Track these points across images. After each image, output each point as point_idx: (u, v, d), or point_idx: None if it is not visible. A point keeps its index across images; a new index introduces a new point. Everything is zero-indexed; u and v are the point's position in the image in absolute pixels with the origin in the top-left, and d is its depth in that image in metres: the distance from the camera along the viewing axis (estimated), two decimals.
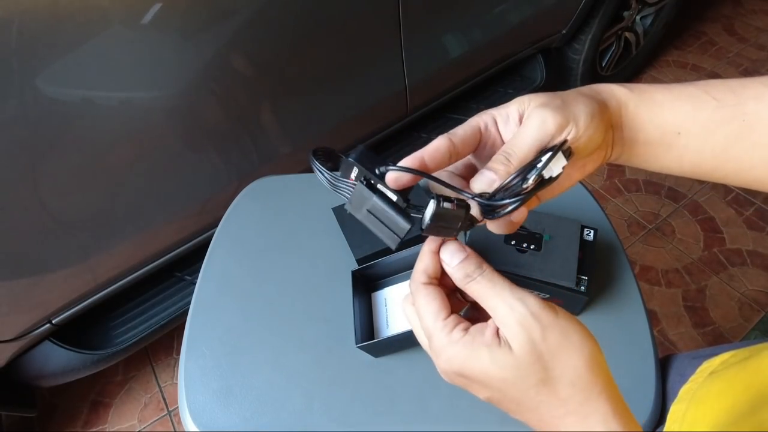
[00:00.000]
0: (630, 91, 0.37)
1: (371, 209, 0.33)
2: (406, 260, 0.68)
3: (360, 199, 0.33)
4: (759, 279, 1.53)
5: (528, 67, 1.78)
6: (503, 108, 0.36)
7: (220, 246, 0.79)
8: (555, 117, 0.33)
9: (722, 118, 0.36)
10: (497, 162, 0.33)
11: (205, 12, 0.91)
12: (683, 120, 0.36)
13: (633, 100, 0.37)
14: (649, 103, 0.37)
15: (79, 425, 1.35)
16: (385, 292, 0.69)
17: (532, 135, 0.33)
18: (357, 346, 0.61)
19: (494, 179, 0.33)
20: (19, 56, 0.77)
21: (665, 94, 0.37)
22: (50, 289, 1.00)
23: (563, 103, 0.34)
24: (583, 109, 0.34)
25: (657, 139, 0.37)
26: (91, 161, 0.92)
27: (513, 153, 0.33)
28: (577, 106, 0.34)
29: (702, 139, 0.36)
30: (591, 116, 0.34)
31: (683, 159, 0.38)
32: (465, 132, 0.36)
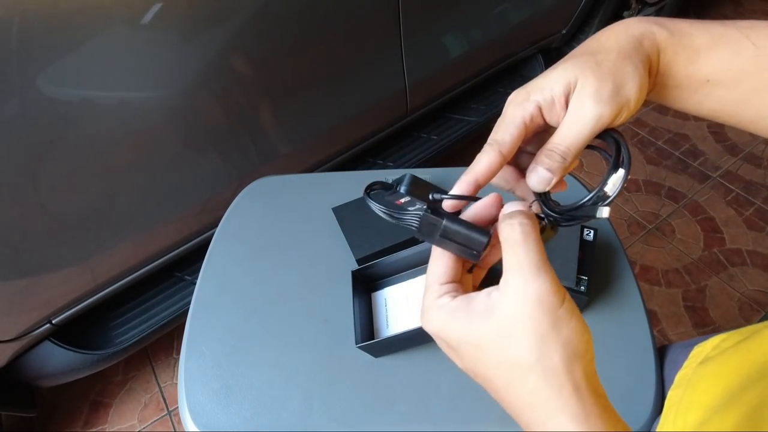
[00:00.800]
0: (670, 36, 0.36)
1: (444, 233, 0.33)
2: (407, 260, 0.68)
3: (429, 226, 0.33)
4: (759, 279, 1.53)
5: (528, 67, 1.78)
6: (546, 90, 0.34)
7: (220, 246, 0.79)
8: (611, 109, 0.32)
9: (756, 67, 0.35)
10: (553, 159, 0.33)
11: (205, 12, 0.91)
12: (715, 69, 0.36)
13: (672, 46, 0.35)
14: (688, 49, 0.36)
15: (79, 425, 1.35)
16: (385, 292, 0.69)
17: (588, 127, 0.33)
18: (357, 346, 0.61)
19: (551, 178, 0.33)
20: (19, 56, 0.77)
21: (705, 38, 0.36)
22: (50, 289, 1.00)
23: (614, 87, 0.32)
24: (634, 87, 0.33)
25: (684, 84, 0.37)
26: (91, 161, 0.92)
27: (569, 150, 0.33)
28: (628, 84, 0.33)
29: (729, 88, 0.36)
30: (641, 89, 0.33)
31: (703, 104, 0.37)
32: (512, 137, 0.35)
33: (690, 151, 1.91)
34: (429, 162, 1.50)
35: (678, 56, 0.36)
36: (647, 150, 1.94)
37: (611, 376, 0.61)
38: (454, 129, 1.59)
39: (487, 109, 1.65)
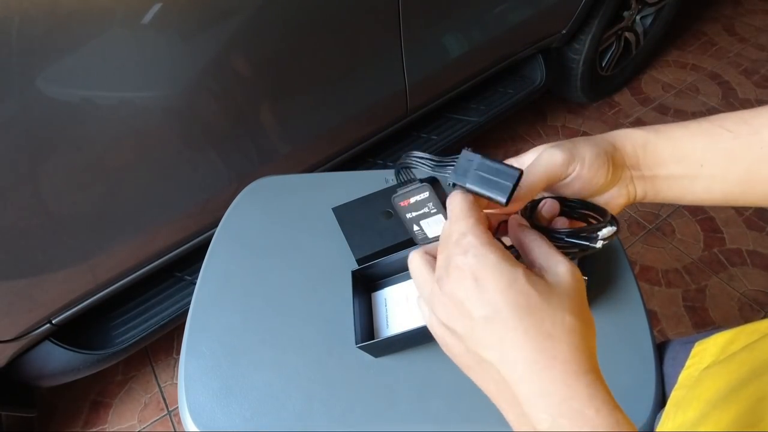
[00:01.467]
0: (646, 132, 0.41)
1: (479, 168, 0.35)
2: (406, 260, 0.68)
3: (466, 164, 0.35)
4: (759, 279, 1.53)
5: (528, 67, 1.78)
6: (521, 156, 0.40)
7: (220, 246, 0.79)
8: (562, 154, 0.37)
9: (741, 147, 0.38)
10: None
11: (204, 12, 0.91)
12: (703, 152, 0.39)
13: (650, 139, 0.40)
14: (667, 139, 0.40)
15: (79, 425, 1.35)
16: (385, 292, 0.69)
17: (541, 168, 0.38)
18: (357, 346, 0.61)
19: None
20: (19, 56, 0.77)
21: (682, 130, 0.40)
22: (50, 289, 1.00)
23: (573, 144, 0.38)
24: (590, 150, 0.38)
25: (680, 172, 0.40)
26: (91, 161, 0.92)
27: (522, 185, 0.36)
28: (585, 148, 0.38)
29: (725, 167, 0.38)
30: (596, 155, 0.38)
31: (712, 188, 0.40)
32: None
33: None
34: None
35: (658, 146, 0.40)
36: None
37: (611, 376, 0.61)
38: (454, 129, 1.59)
39: (487, 109, 1.65)
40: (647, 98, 2.14)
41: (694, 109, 2.08)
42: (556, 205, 0.40)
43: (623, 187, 0.40)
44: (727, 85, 2.17)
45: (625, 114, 2.08)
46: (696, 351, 0.51)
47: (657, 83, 2.20)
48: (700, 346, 0.51)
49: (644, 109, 2.10)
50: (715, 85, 2.17)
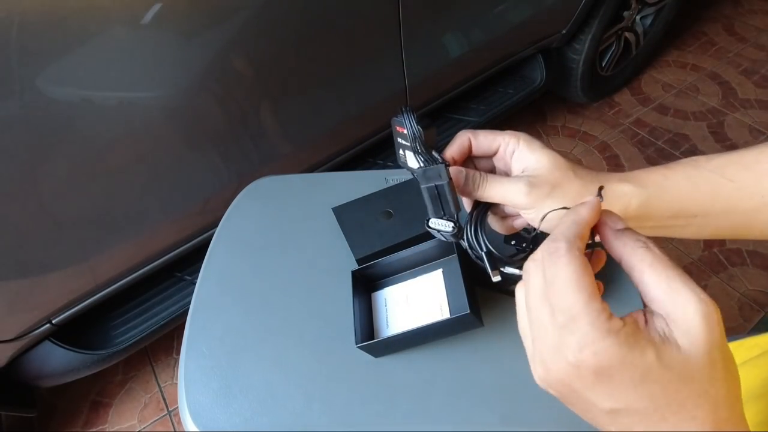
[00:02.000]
0: (643, 190, 0.38)
1: (438, 187, 0.40)
2: (407, 260, 0.68)
3: (431, 175, 0.40)
4: (759, 279, 1.53)
5: (528, 67, 1.78)
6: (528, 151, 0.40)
7: (220, 246, 0.79)
8: (526, 199, 0.38)
9: (741, 198, 0.37)
10: (473, 180, 0.40)
11: (205, 12, 0.91)
12: (701, 205, 0.38)
13: (647, 198, 0.38)
14: (666, 198, 0.38)
15: (79, 425, 1.35)
16: (385, 292, 0.69)
17: (504, 193, 0.39)
18: (357, 346, 0.61)
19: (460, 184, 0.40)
20: (19, 56, 0.77)
21: (685, 184, 0.38)
22: (50, 289, 1.00)
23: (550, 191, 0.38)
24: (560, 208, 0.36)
25: (671, 224, 0.39)
26: (91, 161, 0.92)
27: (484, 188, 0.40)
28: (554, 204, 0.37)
29: (722, 218, 0.38)
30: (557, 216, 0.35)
31: (703, 233, 0.39)
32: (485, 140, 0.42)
33: (690, 151, 1.91)
34: None
35: (651, 202, 0.38)
36: (647, 150, 1.94)
37: None
38: (454, 129, 1.59)
39: (487, 109, 1.65)
40: (647, 98, 2.14)
41: (694, 109, 2.08)
42: None
43: None
44: (727, 85, 2.17)
45: (625, 114, 2.08)
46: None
47: (657, 83, 2.20)
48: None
49: (644, 109, 2.10)
50: (715, 85, 2.17)
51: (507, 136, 0.41)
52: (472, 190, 0.40)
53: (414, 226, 0.75)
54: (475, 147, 0.42)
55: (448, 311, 0.63)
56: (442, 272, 0.68)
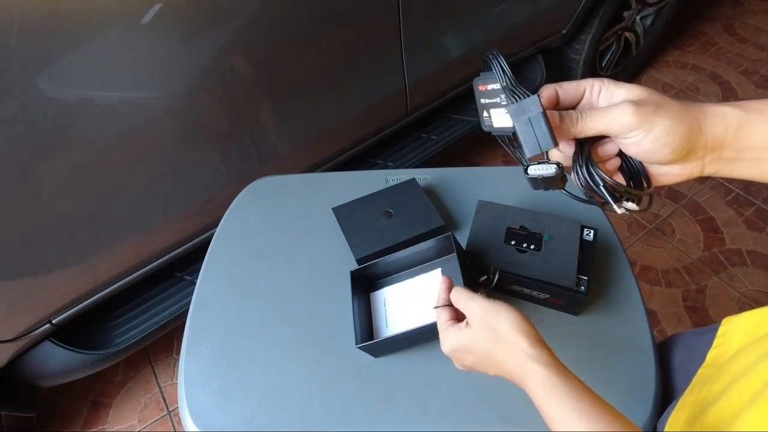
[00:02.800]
0: (745, 112, 0.38)
1: (533, 119, 0.39)
2: (405, 260, 0.68)
3: (525, 108, 0.40)
4: (759, 279, 1.53)
5: (528, 67, 1.78)
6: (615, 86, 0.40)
7: (220, 246, 0.79)
8: (632, 117, 0.37)
9: None
10: (569, 116, 0.39)
11: (205, 12, 0.91)
12: None
13: (747, 121, 0.38)
14: (762, 121, 0.38)
15: (79, 425, 1.35)
16: (384, 292, 0.69)
17: (606, 119, 0.38)
18: (357, 347, 0.61)
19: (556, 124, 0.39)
20: (19, 56, 0.77)
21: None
22: (50, 289, 1.00)
23: (655, 110, 0.37)
24: (666, 126, 0.37)
25: (765, 157, 0.38)
26: (91, 161, 0.92)
27: (583, 119, 0.39)
28: (662, 120, 0.37)
29: None
30: (668, 133, 0.37)
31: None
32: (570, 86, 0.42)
33: None
34: (429, 162, 1.50)
35: (753, 129, 0.38)
36: None
37: (611, 376, 0.61)
38: (454, 129, 1.59)
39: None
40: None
41: None
42: (615, 148, 0.42)
43: (689, 167, 0.39)
44: (727, 85, 2.17)
45: None
46: (724, 330, 0.49)
47: (657, 83, 2.20)
48: (727, 325, 0.49)
49: None
50: (715, 85, 2.17)
51: (591, 80, 0.41)
52: (571, 126, 0.39)
53: (414, 226, 0.75)
54: (561, 95, 0.42)
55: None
56: (441, 271, 0.68)
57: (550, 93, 0.42)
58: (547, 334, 0.48)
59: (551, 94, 0.42)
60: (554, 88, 0.42)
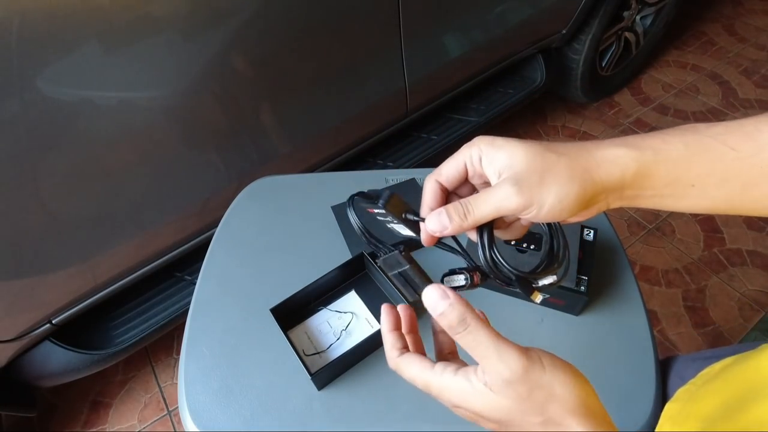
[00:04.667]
0: (641, 154, 0.36)
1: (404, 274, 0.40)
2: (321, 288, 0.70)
3: (393, 263, 0.40)
4: (759, 279, 1.53)
5: (528, 67, 1.78)
6: (496, 151, 0.37)
7: (220, 246, 0.79)
8: (519, 198, 0.35)
9: (741, 167, 0.35)
10: (457, 213, 0.37)
11: (205, 12, 0.91)
12: (698, 174, 0.36)
13: (645, 164, 0.36)
14: (664, 164, 0.36)
15: (79, 425, 1.35)
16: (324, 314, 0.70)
17: (493, 204, 0.36)
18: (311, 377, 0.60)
19: (445, 227, 0.37)
20: (19, 56, 0.77)
21: (680, 149, 0.36)
22: (50, 289, 1.00)
23: (540, 180, 0.35)
24: (556, 193, 0.35)
25: (668, 192, 0.37)
26: (91, 161, 0.92)
27: (471, 212, 0.37)
28: (550, 190, 0.35)
29: (718, 188, 0.36)
30: (559, 201, 0.35)
31: (698, 205, 0.38)
32: (449, 170, 0.40)
33: None
34: (429, 162, 1.50)
35: (651, 170, 0.36)
36: None
37: (611, 377, 0.61)
38: (454, 129, 1.59)
39: (487, 109, 1.65)
40: (647, 98, 2.14)
41: (694, 108, 2.08)
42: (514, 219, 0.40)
43: (593, 210, 0.38)
44: (727, 85, 2.17)
45: (625, 114, 2.08)
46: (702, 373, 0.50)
47: (657, 83, 2.20)
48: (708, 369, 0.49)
49: (644, 109, 2.10)
50: (715, 85, 2.17)
51: (465, 150, 0.39)
52: (463, 221, 0.37)
53: None
54: (445, 182, 0.40)
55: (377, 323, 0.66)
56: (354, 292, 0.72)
57: (432, 189, 0.40)
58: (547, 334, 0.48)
59: (434, 188, 0.40)
60: (434, 180, 0.40)
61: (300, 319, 0.69)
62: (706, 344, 1.41)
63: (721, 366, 0.48)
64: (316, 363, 0.64)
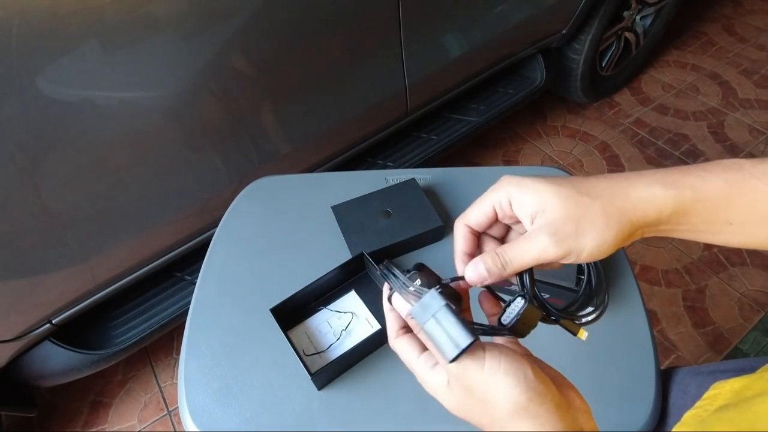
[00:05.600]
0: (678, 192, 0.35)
1: (437, 316, 0.34)
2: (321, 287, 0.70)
3: (428, 305, 0.35)
4: (759, 279, 1.53)
5: (528, 67, 1.78)
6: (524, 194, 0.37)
7: (220, 246, 0.79)
8: (557, 249, 0.34)
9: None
10: (495, 263, 0.37)
11: (204, 12, 0.91)
12: (738, 213, 0.35)
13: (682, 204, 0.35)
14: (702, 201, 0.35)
15: (79, 425, 1.35)
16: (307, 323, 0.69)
17: (531, 256, 0.36)
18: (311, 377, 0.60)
19: (485, 278, 0.37)
20: (19, 56, 0.77)
21: (721, 187, 0.35)
22: (50, 289, 1.00)
23: (575, 230, 0.34)
24: (593, 239, 0.35)
25: (703, 228, 0.36)
26: (91, 161, 0.92)
27: (510, 263, 0.36)
28: (587, 236, 0.34)
29: (757, 226, 0.36)
30: (598, 246, 0.35)
31: (734, 240, 0.37)
32: (477, 214, 0.39)
33: (690, 151, 1.92)
34: (429, 162, 1.50)
35: (689, 210, 0.35)
36: (647, 150, 1.94)
37: (611, 377, 0.61)
38: (454, 129, 1.59)
39: (487, 109, 1.65)
40: (647, 98, 2.14)
41: (694, 108, 2.08)
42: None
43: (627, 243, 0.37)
44: (727, 85, 2.17)
45: (625, 114, 2.08)
46: (709, 394, 0.48)
47: (657, 83, 2.20)
48: (714, 390, 0.48)
49: (644, 109, 2.10)
50: (715, 85, 2.17)
51: (492, 194, 0.38)
52: (502, 272, 0.37)
53: (412, 226, 0.75)
54: (475, 226, 0.39)
55: (377, 323, 0.66)
56: (354, 292, 0.71)
57: (464, 234, 0.39)
58: (547, 335, 0.48)
59: (465, 234, 0.39)
60: (464, 225, 0.40)
61: (300, 319, 0.69)
62: (706, 344, 1.41)
63: (731, 389, 0.47)
64: (316, 363, 0.64)
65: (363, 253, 0.69)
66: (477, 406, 0.34)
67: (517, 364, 0.33)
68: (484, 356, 0.34)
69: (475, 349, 0.34)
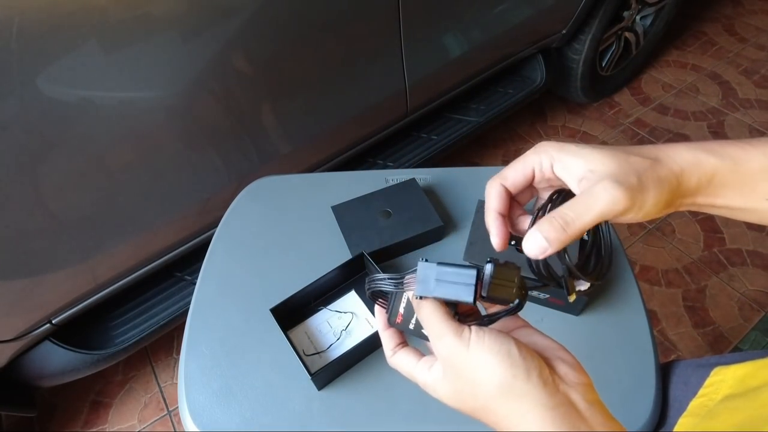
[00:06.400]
0: (720, 160, 0.35)
1: (439, 276, 0.35)
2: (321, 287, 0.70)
3: (425, 275, 0.35)
4: (759, 279, 1.53)
5: (528, 67, 1.78)
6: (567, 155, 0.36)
7: (220, 246, 0.79)
8: (627, 201, 0.32)
9: None
10: (553, 226, 0.33)
11: (205, 12, 0.91)
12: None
13: (721, 171, 0.35)
14: (741, 175, 0.35)
15: (79, 425, 1.35)
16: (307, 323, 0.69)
17: (598, 210, 0.33)
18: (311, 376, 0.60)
19: (546, 247, 0.33)
20: (19, 56, 0.77)
21: (761, 160, 0.35)
22: (50, 289, 1.00)
23: (638, 184, 0.33)
24: (654, 196, 0.34)
25: (740, 205, 0.36)
26: (91, 161, 0.92)
27: (573, 223, 0.33)
28: (650, 193, 0.33)
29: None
30: (655, 203, 0.34)
31: (766, 218, 0.37)
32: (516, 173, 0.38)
33: None
34: (429, 162, 1.50)
35: (728, 179, 0.35)
36: None
37: (611, 377, 0.61)
38: (454, 129, 1.59)
39: (487, 109, 1.65)
40: (647, 98, 2.14)
41: (694, 108, 2.08)
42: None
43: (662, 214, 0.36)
44: (727, 85, 2.17)
45: (625, 114, 2.08)
46: (712, 380, 0.48)
47: (657, 83, 2.20)
48: (716, 376, 0.48)
49: (644, 109, 2.10)
50: (715, 85, 2.17)
51: (533, 155, 0.37)
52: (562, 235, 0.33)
53: (412, 225, 0.75)
54: (511, 186, 0.38)
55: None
56: (354, 292, 0.71)
57: (498, 192, 0.38)
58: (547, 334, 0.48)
59: (500, 192, 0.38)
60: (499, 183, 0.38)
61: (300, 319, 0.69)
62: (706, 344, 1.41)
63: (734, 375, 0.47)
64: (316, 363, 0.64)
65: (363, 253, 0.69)
66: (467, 388, 0.34)
67: (501, 340, 0.33)
68: (469, 336, 0.34)
69: (461, 329, 0.34)
